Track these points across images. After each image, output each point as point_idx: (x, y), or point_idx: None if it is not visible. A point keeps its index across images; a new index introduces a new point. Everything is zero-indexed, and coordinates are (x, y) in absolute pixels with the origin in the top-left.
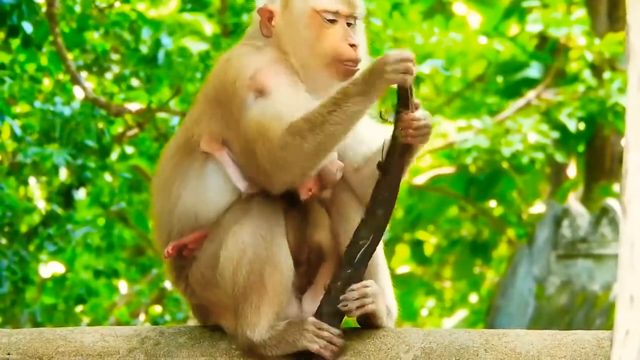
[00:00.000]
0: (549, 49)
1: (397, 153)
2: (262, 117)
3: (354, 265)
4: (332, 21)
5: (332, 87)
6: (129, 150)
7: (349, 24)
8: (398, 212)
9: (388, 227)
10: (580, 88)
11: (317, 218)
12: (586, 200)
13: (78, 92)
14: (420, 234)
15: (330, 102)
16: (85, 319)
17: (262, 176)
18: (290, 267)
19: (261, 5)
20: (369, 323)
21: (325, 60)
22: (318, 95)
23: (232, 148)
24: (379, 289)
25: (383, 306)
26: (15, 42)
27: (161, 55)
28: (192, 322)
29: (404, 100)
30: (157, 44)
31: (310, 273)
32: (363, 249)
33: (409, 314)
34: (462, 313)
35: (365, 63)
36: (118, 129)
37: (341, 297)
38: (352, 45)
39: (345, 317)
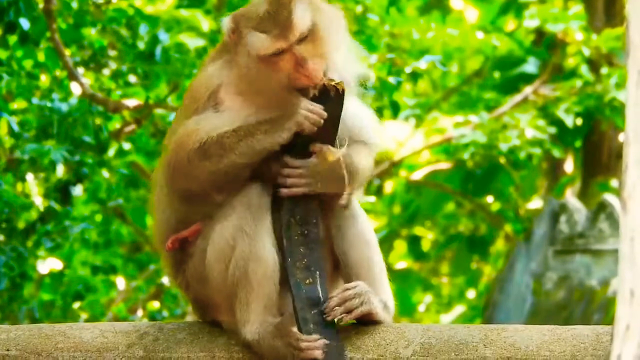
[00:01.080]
0: (546, 45)
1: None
2: (190, 129)
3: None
4: (280, 53)
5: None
6: (127, 146)
7: (300, 41)
8: (395, 208)
9: (383, 224)
10: (578, 83)
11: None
12: (583, 195)
13: (75, 89)
14: (418, 230)
15: (243, 132)
16: (83, 315)
17: (170, 177)
18: (275, 261)
19: (225, 28)
20: (366, 321)
21: (282, 87)
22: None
23: None
24: (366, 286)
25: (376, 302)
26: (13, 39)
27: (158, 51)
28: (190, 317)
29: (299, 147)
30: (154, 40)
31: None
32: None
33: (406, 309)
34: (459, 309)
35: (336, 68)
36: (115, 125)
37: (324, 309)
38: (299, 66)
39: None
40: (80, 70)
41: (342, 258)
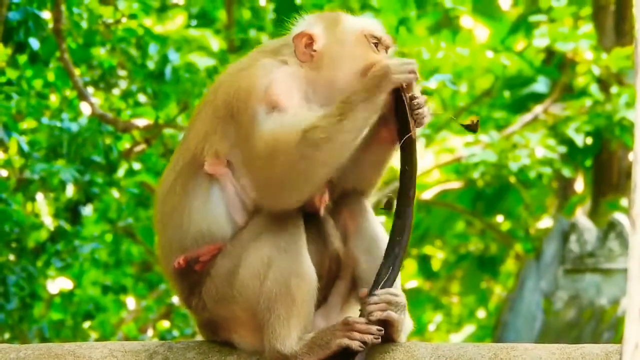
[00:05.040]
0: (556, 64)
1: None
2: (279, 129)
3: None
4: (375, 45)
5: None
6: (136, 166)
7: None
8: None
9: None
10: (587, 102)
11: (330, 226)
12: (593, 214)
13: (85, 108)
14: (428, 249)
15: (337, 111)
16: (93, 335)
17: (277, 191)
18: (314, 277)
19: (299, 30)
20: (384, 335)
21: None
22: None
23: (236, 170)
24: (404, 303)
25: (405, 321)
26: (22, 58)
27: (168, 71)
28: (200, 337)
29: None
30: (164, 60)
31: (327, 288)
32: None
33: (416, 329)
34: (469, 328)
35: None
36: (125, 144)
37: (362, 300)
38: None
39: None
40: (90, 90)
41: (365, 277)
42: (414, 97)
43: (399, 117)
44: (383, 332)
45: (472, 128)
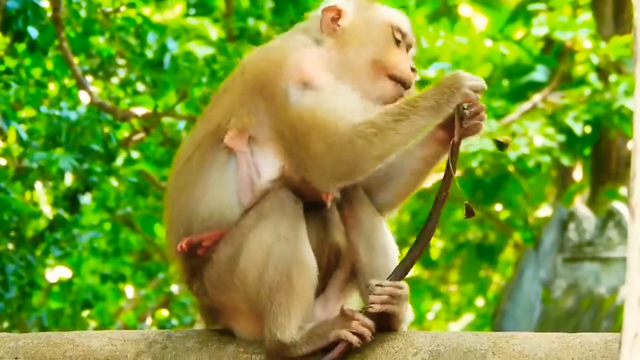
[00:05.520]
0: (555, 52)
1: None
2: (318, 110)
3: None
4: (398, 42)
5: (371, 99)
6: (135, 154)
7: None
8: (404, 216)
9: (392, 232)
10: (586, 91)
11: (334, 219)
12: (592, 203)
13: (84, 97)
14: None
15: (397, 111)
16: (92, 324)
17: (315, 171)
18: (315, 266)
19: (330, 4)
20: (385, 325)
21: (382, 72)
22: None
23: (256, 148)
24: (407, 294)
25: (406, 313)
26: (21, 47)
27: (167, 59)
28: (199, 325)
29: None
30: (162, 49)
31: (325, 278)
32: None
33: (415, 318)
34: (468, 317)
35: (411, 91)
36: (124, 133)
37: (369, 288)
38: (412, 70)
39: None
40: (89, 78)
41: (364, 268)
42: (472, 106)
43: (454, 124)
44: (378, 325)
45: (502, 145)
